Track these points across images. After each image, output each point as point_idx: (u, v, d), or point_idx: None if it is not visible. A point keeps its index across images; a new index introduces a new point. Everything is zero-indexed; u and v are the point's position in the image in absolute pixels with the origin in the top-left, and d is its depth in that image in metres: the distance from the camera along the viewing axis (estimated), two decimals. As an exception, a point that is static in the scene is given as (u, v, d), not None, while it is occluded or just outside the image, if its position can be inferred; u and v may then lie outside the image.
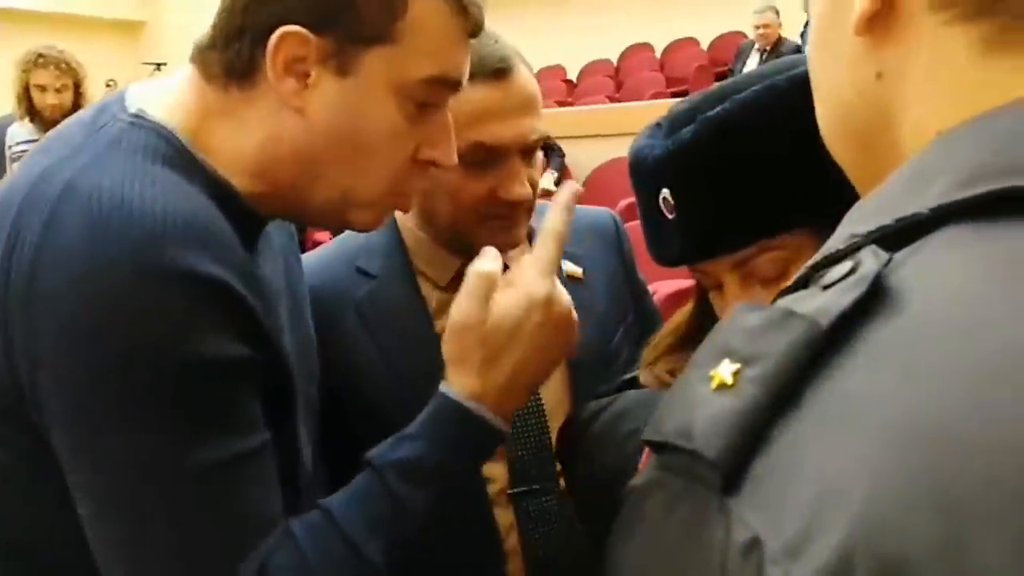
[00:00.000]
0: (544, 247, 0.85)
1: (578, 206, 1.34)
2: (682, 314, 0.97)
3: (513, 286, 0.82)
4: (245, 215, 0.76)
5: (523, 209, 1.03)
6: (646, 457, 0.36)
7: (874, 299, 0.30)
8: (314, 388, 0.91)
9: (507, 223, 1.03)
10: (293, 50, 0.72)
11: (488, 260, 0.84)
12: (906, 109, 0.40)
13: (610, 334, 1.13)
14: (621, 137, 5.56)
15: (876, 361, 0.29)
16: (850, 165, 0.47)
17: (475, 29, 0.79)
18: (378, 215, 0.82)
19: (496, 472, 1.05)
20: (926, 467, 0.25)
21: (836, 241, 0.36)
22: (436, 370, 0.91)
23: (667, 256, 0.83)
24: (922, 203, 0.32)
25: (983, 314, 0.28)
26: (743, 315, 0.34)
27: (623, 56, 9.61)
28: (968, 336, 0.27)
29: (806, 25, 6.11)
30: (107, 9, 11.04)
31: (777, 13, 6.58)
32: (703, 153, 0.76)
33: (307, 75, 0.73)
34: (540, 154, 1.06)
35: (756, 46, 6.69)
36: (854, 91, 0.43)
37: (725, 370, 0.31)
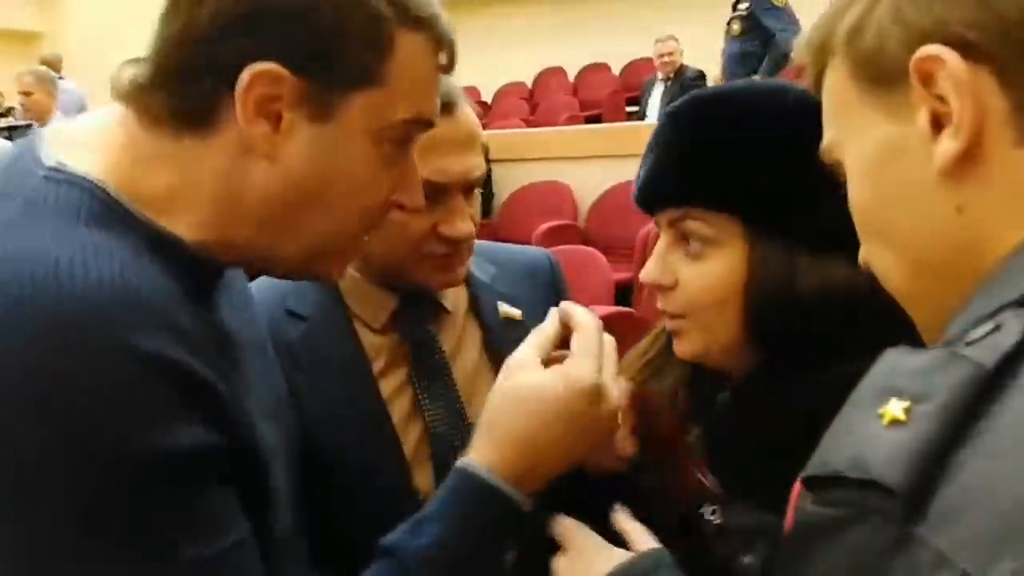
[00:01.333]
0: (594, 340, 0.82)
1: (514, 245, 1.34)
2: (650, 342, 1.00)
3: (565, 369, 0.79)
4: (196, 266, 0.69)
5: (465, 247, 1.01)
6: (796, 500, 0.38)
7: None
8: (294, 442, 0.85)
9: (448, 261, 1.00)
10: (266, 90, 0.65)
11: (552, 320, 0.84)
12: (992, 237, 0.44)
13: None
14: (538, 162, 5.61)
15: None
16: (918, 296, 0.50)
17: (450, 65, 0.75)
18: (345, 264, 0.78)
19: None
20: None
21: (971, 315, 0.40)
22: (373, 413, 0.88)
23: (636, 191, 0.92)
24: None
25: None
26: (902, 358, 0.38)
27: (537, 79, 9.70)
28: None
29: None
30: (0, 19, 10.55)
31: (677, 41, 6.71)
32: (681, 115, 0.88)
33: (280, 118, 0.67)
34: (478, 192, 1.05)
35: (660, 76, 6.80)
36: (931, 229, 0.47)
37: (895, 407, 0.34)
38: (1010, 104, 0.43)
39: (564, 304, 0.85)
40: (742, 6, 5.97)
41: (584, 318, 0.84)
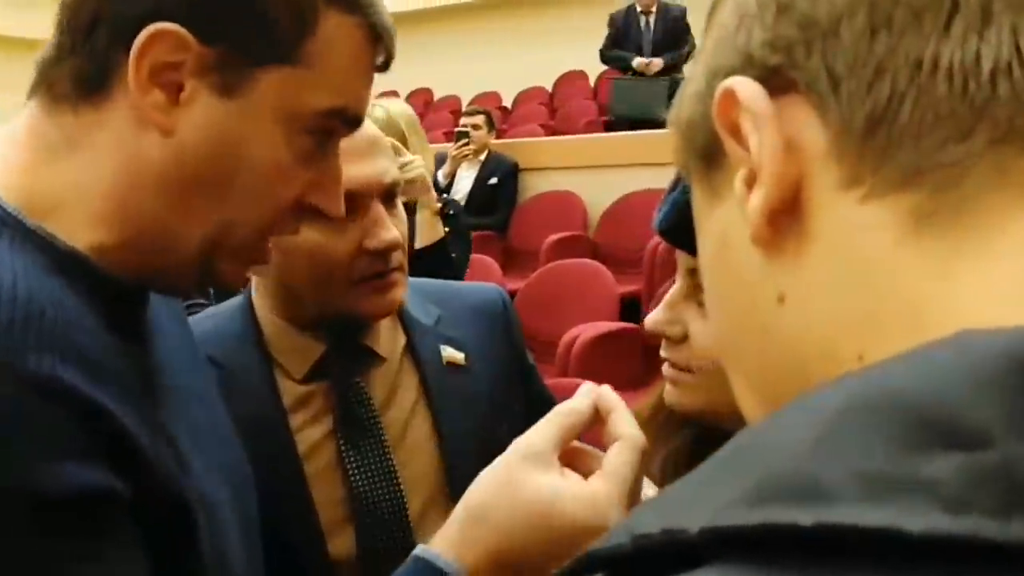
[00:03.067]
0: (630, 460, 0.65)
1: (465, 284, 1.28)
2: (650, 407, 0.92)
3: (589, 492, 0.63)
4: (107, 290, 0.61)
5: (396, 265, 0.94)
6: None
7: None
8: (252, 505, 0.77)
9: (381, 283, 0.93)
10: (165, 54, 0.58)
11: (584, 398, 0.68)
12: (812, 342, 0.32)
13: (493, 424, 1.05)
14: (548, 171, 5.54)
15: None
16: (771, 402, 0.37)
17: (386, 62, 0.68)
18: (244, 268, 0.69)
19: None
20: None
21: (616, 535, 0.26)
22: (286, 471, 0.82)
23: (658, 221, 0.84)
24: (699, 516, 0.24)
25: None
26: None
27: (558, 83, 9.63)
28: None
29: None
30: None
31: None
32: None
33: (180, 88, 0.60)
34: (401, 206, 0.98)
35: (640, 9, 6.65)
36: (759, 343, 0.35)
37: None
38: (830, 133, 0.32)
39: (603, 391, 0.70)
40: None
41: (626, 426, 0.67)
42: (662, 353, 0.82)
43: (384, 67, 0.68)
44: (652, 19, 6.69)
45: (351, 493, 0.96)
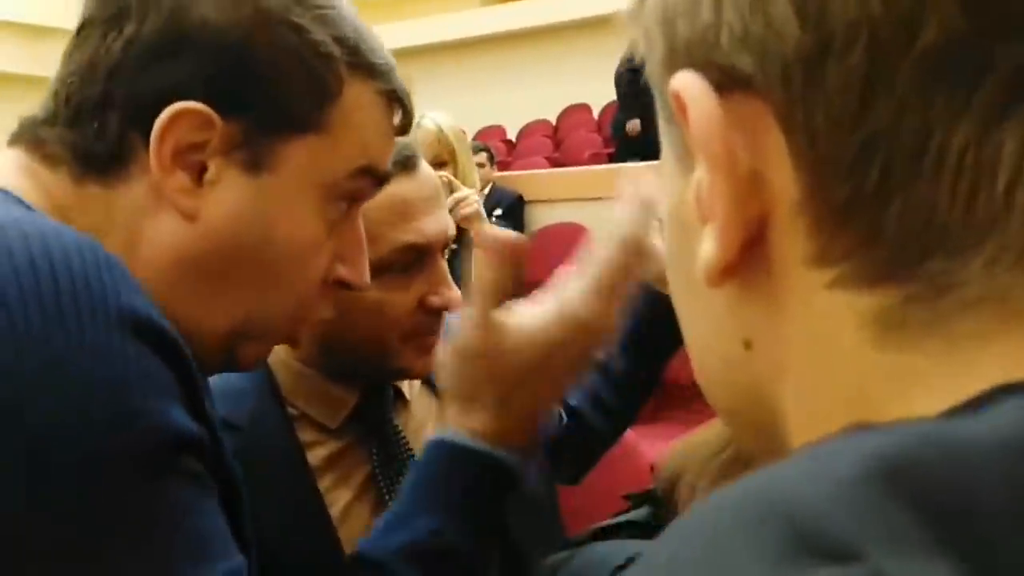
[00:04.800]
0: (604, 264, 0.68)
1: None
2: (722, 441, 0.85)
3: (555, 306, 0.68)
4: None
5: (443, 321, 0.89)
6: None
7: None
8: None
9: (431, 340, 0.87)
10: (189, 134, 0.55)
11: (492, 263, 0.68)
12: (786, 398, 0.28)
13: None
14: (554, 203, 5.50)
15: None
16: (753, 446, 0.34)
17: (404, 127, 0.66)
18: (269, 348, 0.65)
19: None
20: None
21: None
22: (319, 537, 0.74)
23: None
24: None
25: None
26: None
27: (562, 116, 9.64)
28: None
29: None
30: None
31: None
32: None
33: (203, 169, 0.56)
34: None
35: None
36: (721, 359, 0.31)
37: None
38: (802, 186, 0.26)
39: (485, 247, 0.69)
40: None
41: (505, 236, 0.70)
42: None
43: (403, 131, 0.66)
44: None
45: None
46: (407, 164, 0.85)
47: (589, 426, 1.10)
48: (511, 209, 5.50)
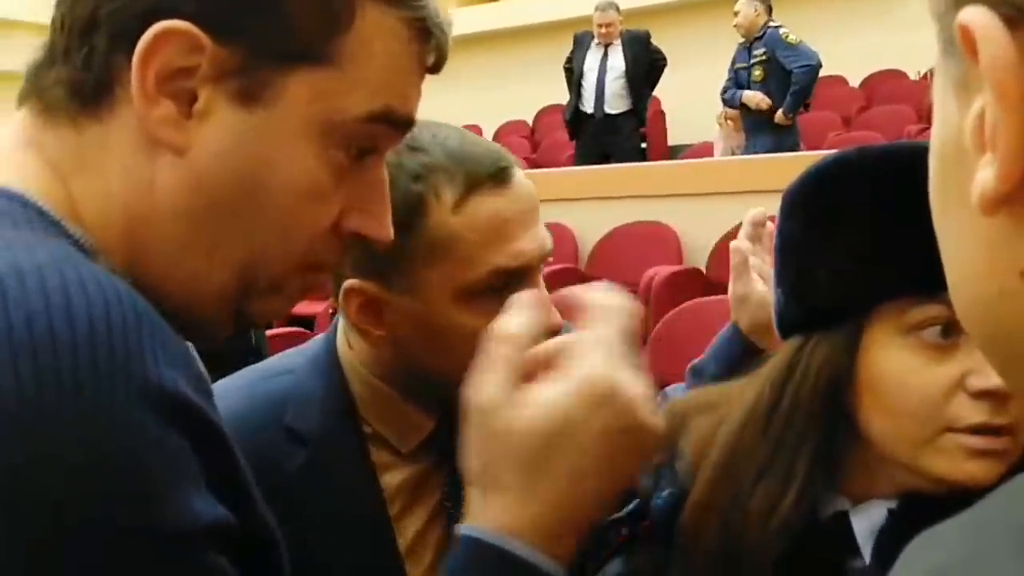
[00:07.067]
0: (612, 319, 0.57)
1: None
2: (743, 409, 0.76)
3: (565, 370, 0.55)
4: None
5: None
6: None
7: None
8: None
9: None
10: (175, 58, 0.49)
11: (516, 316, 0.58)
12: None
13: None
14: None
15: None
16: (992, 361, 0.33)
17: (438, 62, 0.58)
18: (287, 302, 0.59)
19: None
20: None
21: None
22: (388, 565, 0.72)
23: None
24: None
25: None
26: None
27: (538, 116, 9.60)
28: None
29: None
30: None
31: (618, 11, 6.60)
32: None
33: (193, 98, 0.51)
34: None
35: (597, 41, 6.66)
36: (995, 287, 0.30)
37: None
38: None
39: (559, 297, 0.63)
40: (758, 52, 5.96)
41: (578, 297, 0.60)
42: (992, 420, 0.65)
43: (436, 68, 0.59)
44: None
45: None
46: (502, 176, 0.78)
47: None
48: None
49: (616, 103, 6.54)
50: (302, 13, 0.51)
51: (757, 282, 0.91)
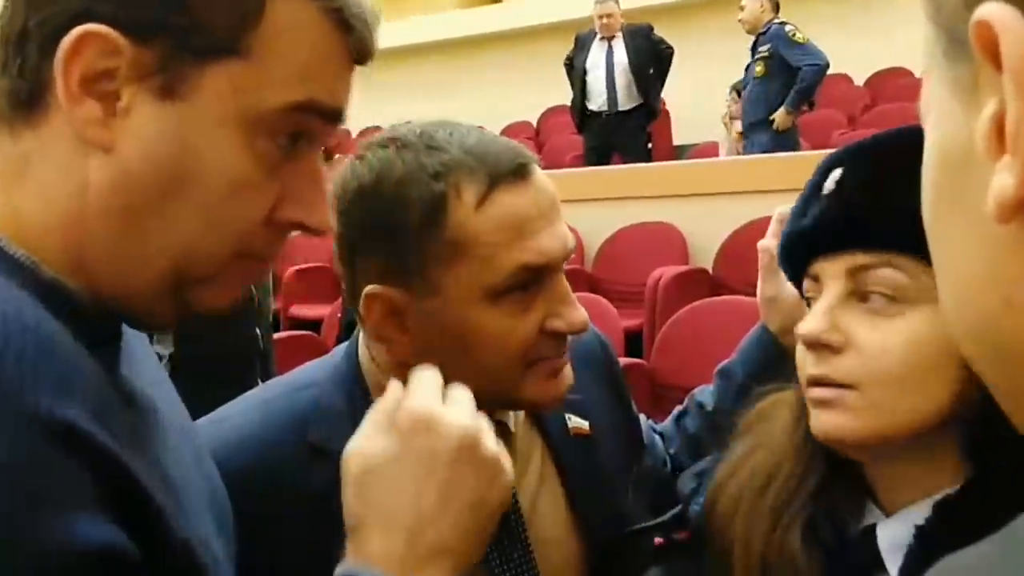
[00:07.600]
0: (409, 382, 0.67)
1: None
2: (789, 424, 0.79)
3: (428, 418, 0.63)
4: (90, 322, 0.55)
5: (567, 342, 0.81)
6: None
7: None
8: (231, 546, 0.68)
9: (557, 365, 0.80)
10: (96, 61, 0.52)
11: (392, 391, 0.66)
12: None
13: (622, 493, 0.93)
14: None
15: None
16: (994, 385, 0.32)
17: (361, 53, 0.59)
18: (228, 290, 0.61)
19: None
20: None
21: None
22: None
23: (809, 233, 0.75)
24: None
25: None
26: None
27: (543, 118, 9.60)
28: None
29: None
30: None
31: (617, 2, 6.59)
32: (884, 145, 0.74)
33: (117, 97, 0.54)
34: None
35: (599, 35, 6.64)
36: (999, 298, 0.29)
37: None
38: None
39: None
40: (763, 48, 5.93)
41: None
42: (812, 370, 0.72)
43: (361, 60, 0.60)
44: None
45: None
46: (520, 172, 0.78)
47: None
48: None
49: (626, 99, 6.51)
50: (212, 9, 0.54)
51: (786, 282, 0.91)
